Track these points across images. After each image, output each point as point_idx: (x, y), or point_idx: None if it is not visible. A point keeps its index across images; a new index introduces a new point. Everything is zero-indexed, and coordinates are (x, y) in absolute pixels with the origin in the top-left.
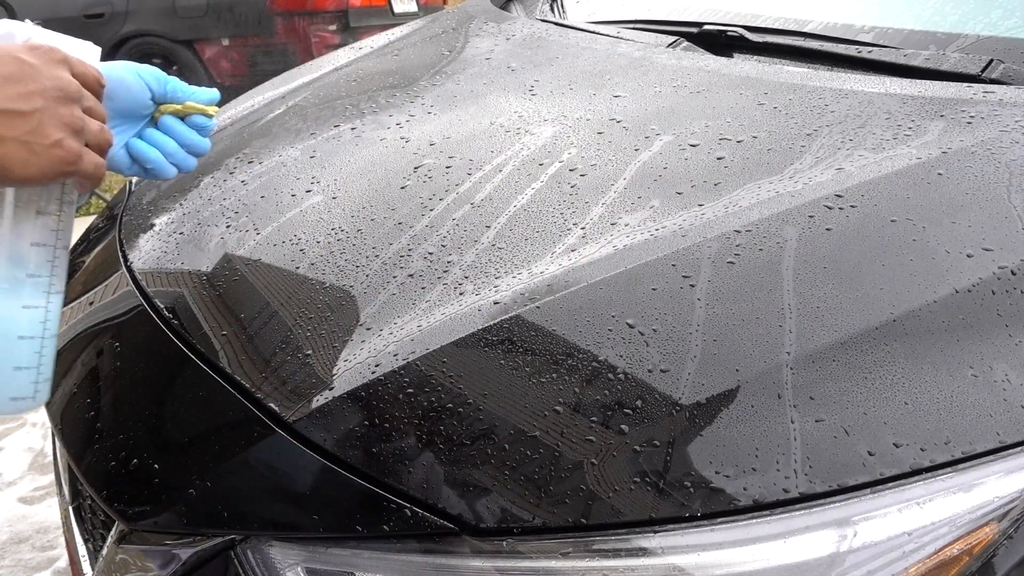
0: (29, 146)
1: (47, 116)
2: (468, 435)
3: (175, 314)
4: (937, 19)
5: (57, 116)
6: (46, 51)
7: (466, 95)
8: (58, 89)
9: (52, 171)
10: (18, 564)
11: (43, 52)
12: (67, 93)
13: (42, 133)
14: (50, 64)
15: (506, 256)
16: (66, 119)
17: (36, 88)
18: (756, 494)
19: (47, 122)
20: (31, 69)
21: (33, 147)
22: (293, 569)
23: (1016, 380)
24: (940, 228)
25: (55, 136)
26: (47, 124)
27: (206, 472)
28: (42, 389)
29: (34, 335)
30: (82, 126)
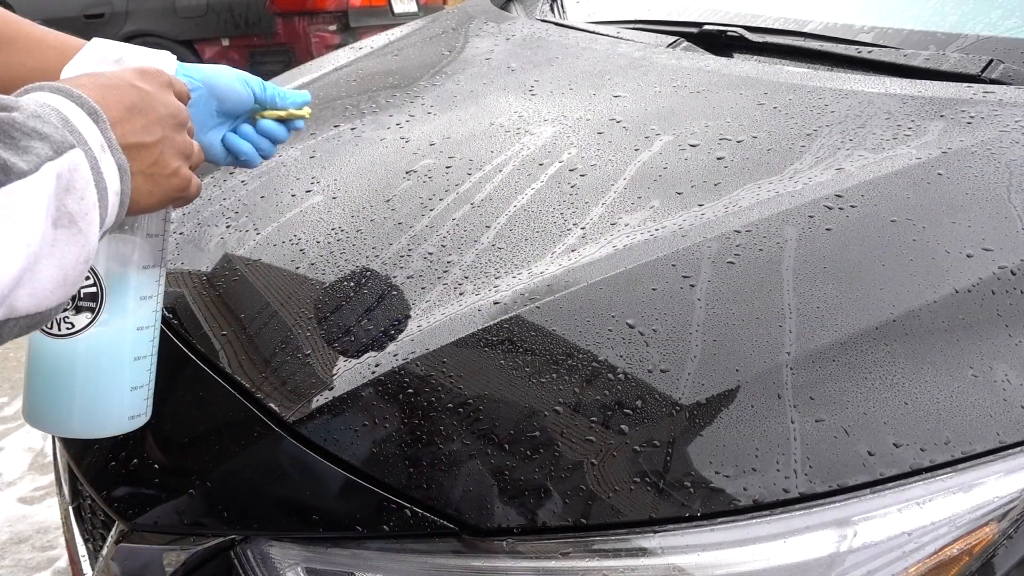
0: (153, 178)
1: (167, 146)
2: (468, 435)
3: (175, 314)
4: (937, 19)
5: (174, 144)
6: (154, 75)
7: (466, 95)
8: (172, 116)
9: (168, 199)
10: (18, 564)
11: (153, 76)
12: (180, 119)
13: (163, 163)
14: (161, 90)
15: (506, 256)
16: (180, 146)
17: (155, 118)
18: (756, 494)
19: (167, 152)
20: (148, 97)
21: (155, 178)
22: (293, 569)
23: (1016, 380)
24: (940, 228)
25: (173, 165)
26: (167, 154)
27: (206, 472)
28: (150, 404)
29: (146, 354)
30: (191, 151)
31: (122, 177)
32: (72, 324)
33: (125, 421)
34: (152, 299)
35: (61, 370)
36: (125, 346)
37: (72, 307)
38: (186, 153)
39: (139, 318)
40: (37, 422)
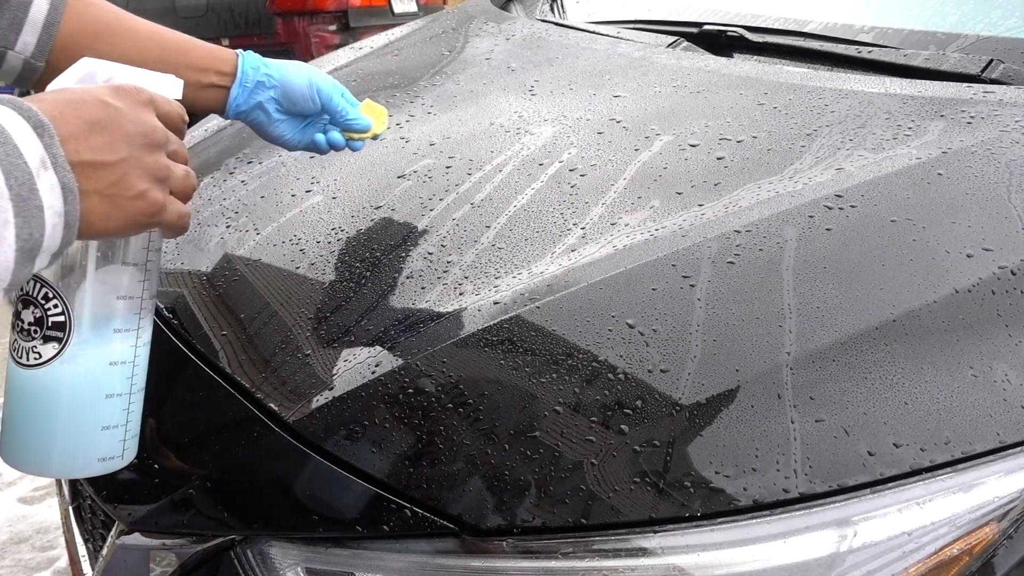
0: (112, 199)
1: (131, 166)
2: (468, 435)
3: (175, 314)
4: (937, 19)
5: (142, 165)
6: (131, 92)
7: (466, 95)
8: (143, 136)
9: (134, 224)
10: (18, 564)
11: (128, 94)
12: (153, 139)
13: (126, 184)
14: (136, 107)
15: (506, 256)
16: (151, 168)
17: (121, 135)
18: (756, 494)
19: (131, 172)
20: (116, 114)
21: (116, 200)
22: (293, 569)
23: (1016, 380)
24: (940, 228)
25: (139, 187)
26: (131, 175)
27: (206, 472)
28: (130, 446)
29: (121, 392)
30: (167, 174)
31: (66, 197)
32: (39, 354)
33: (94, 464)
34: (130, 332)
35: (27, 402)
36: (94, 382)
37: (40, 336)
38: (158, 176)
39: (112, 353)
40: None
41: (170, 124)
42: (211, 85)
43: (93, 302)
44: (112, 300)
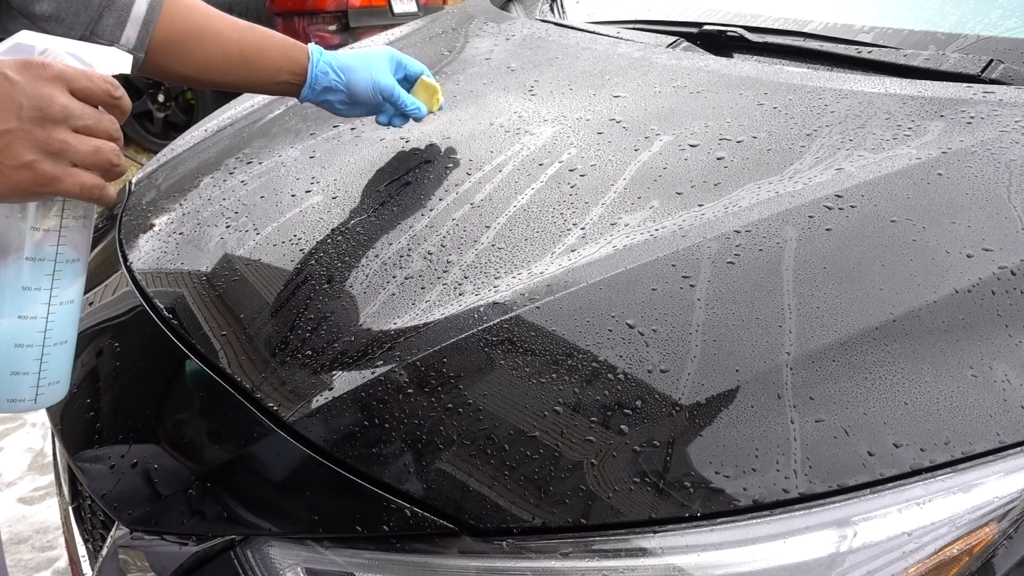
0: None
1: (18, 137)
2: (468, 435)
3: (175, 314)
4: (937, 19)
5: (31, 138)
6: (38, 67)
7: (466, 95)
8: (36, 108)
9: (21, 192)
10: (18, 564)
11: (34, 68)
12: (47, 113)
13: (10, 154)
14: (36, 81)
15: (506, 256)
16: (41, 141)
17: (11, 107)
18: (756, 494)
19: (16, 143)
20: (10, 87)
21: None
22: (293, 569)
23: (1016, 380)
24: (940, 228)
25: (25, 158)
26: (16, 145)
27: (206, 472)
28: (46, 392)
29: (33, 343)
30: (60, 148)
31: None
32: None
33: (3, 402)
34: (42, 291)
35: None
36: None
37: None
38: (50, 149)
39: (21, 307)
40: None
41: (90, 99)
42: (284, 82)
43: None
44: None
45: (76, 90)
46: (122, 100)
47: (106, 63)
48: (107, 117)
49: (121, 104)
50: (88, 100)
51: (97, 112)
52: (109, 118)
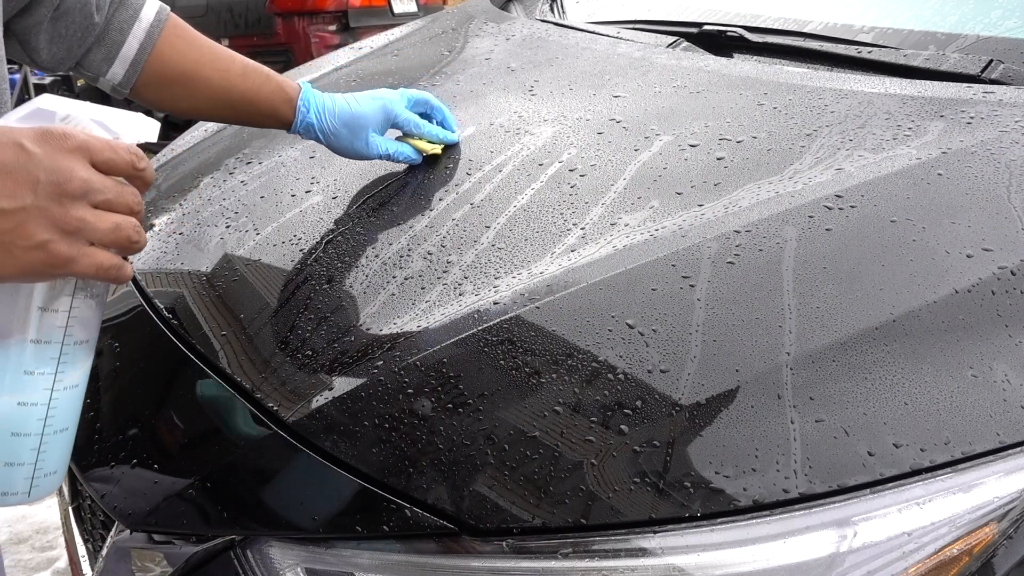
0: (5, 247)
1: (32, 215)
2: (468, 435)
3: (175, 314)
4: (937, 19)
5: (47, 216)
6: (58, 137)
7: (466, 95)
8: (55, 184)
9: (33, 273)
10: (18, 564)
11: (54, 138)
12: (66, 188)
13: (23, 234)
14: (56, 154)
15: (506, 256)
16: (58, 219)
17: (27, 181)
18: (756, 494)
19: (30, 222)
20: (28, 159)
21: (9, 248)
22: (293, 569)
23: (1016, 380)
24: (940, 228)
25: (39, 237)
26: (30, 223)
27: (206, 472)
28: (41, 483)
29: (31, 432)
30: (78, 227)
31: None
32: None
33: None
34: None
35: None
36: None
37: None
38: (66, 228)
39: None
40: None
41: (113, 171)
42: (271, 127)
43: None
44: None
45: (98, 162)
46: (146, 171)
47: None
48: (129, 190)
49: (145, 176)
50: (110, 172)
51: (119, 185)
52: (131, 191)
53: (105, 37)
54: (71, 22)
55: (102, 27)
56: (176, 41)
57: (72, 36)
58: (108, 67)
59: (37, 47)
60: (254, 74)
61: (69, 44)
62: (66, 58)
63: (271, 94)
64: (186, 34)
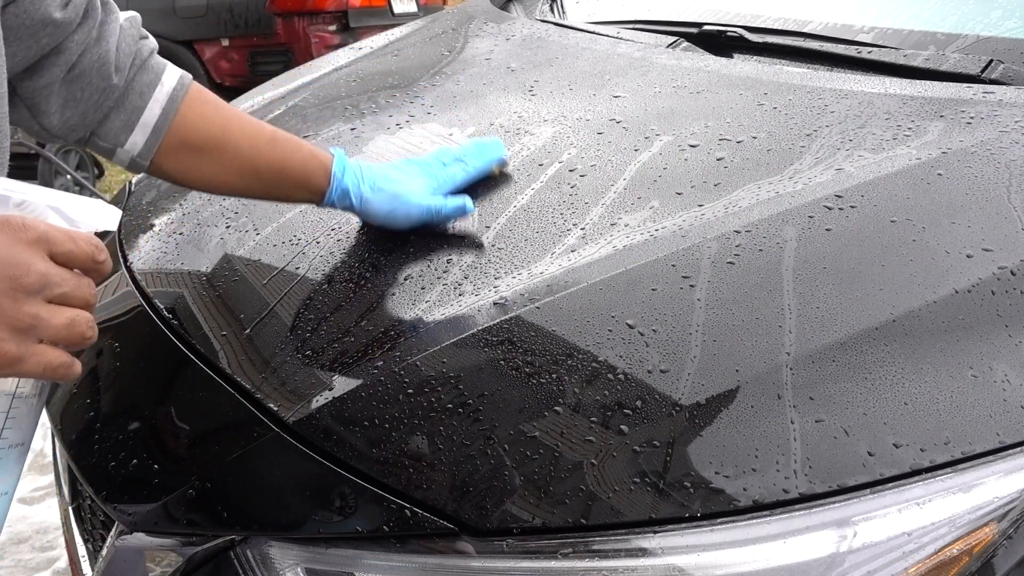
0: None
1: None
2: (468, 435)
3: (175, 314)
4: (937, 19)
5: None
6: (17, 228)
7: (466, 95)
8: (9, 279)
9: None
10: (18, 564)
11: (12, 229)
12: (21, 284)
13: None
14: (14, 245)
15: (506, 256)
16: (9, 316)
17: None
18: (756, 494)
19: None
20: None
21: None
22: (293, 569)
23: (1016, 380)
24: (940, 228)
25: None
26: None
27: (206, 472)
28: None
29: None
30: (31, 324)
31: None
32: None
33: None
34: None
35: None
36: None
37: None
38: (19, 327)
39: None
40: None
41: (73, 263)
42: (303, 196)
43: None
44: None
45: (57, 254)
46: (105, 264)
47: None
48: (85, 282)
49: (103, 268)
50: (69, 265)
51: (76, 277)
52: (87, 282)
53: (125, 102)
54: (87, 83)
55: (121, 90)
56: (201, 106)
57: (88, 99)
58: (127, 136)
59: (48, 111)
60: (284, 141)
61: (84, 109)
62: (79, 125)
63: (304, 161)
64: (210, 99)
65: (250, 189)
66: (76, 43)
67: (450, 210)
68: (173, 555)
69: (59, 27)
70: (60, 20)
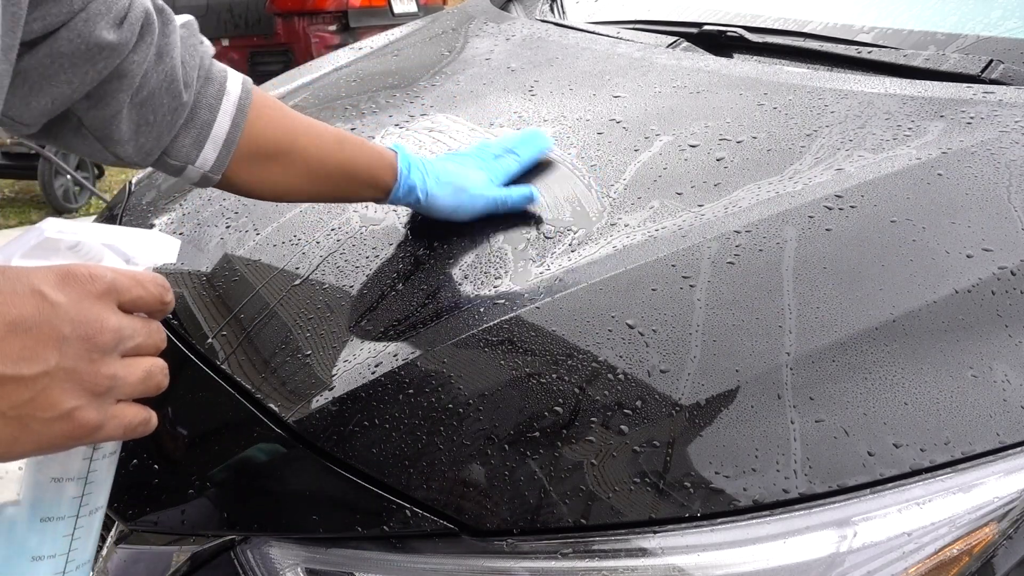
0: (21, 421)
1: (58, 380)
2: (468, 435)
3: (175, 314)
4: (937, 19)
5: (74, 378)
6: (83, 280)
7: (466, 95)
8: (85, 339)
9: (52, 447)
10: None
11: (79, 282)
12: (98, 343)
13: (45, 404)
14: (83, 300)
15: (506, 256)
16: (87, 381)
17: (50, 339)
18: (756, 494)
19: (55, 387)
20: (51, 312)
21: (27, 421)
22: (293, 569)
23: (1016, 380)
24: (940, 229)
25: (65, 406)
26: (55, 390)
27: (206, 472)
28: None
29: None
30: (109, 386)
31: None
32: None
33: None
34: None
35: None
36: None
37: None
38: (96, 390)
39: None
40: None
41: (141, 309)
42: (369, 195)
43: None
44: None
45: (125, 302)
46: (171, 304)
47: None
48: (155, 327)
49: (169, 309)
50: (137, 310)
51: (147, 324)
52: (156, 327)
53: (194, 117)
54: (158, 105)
55: (192, 106)
56: (267, 112)
57: (162, 121)
58: (198, 152)
59: (120, 139)
60: (350, 141)
61: (159, 131)
62: (155, 148)
63: (369, 159)
64: (274, 104)
65: (320, 192)
66: (136, 64)
67: (516, 199)
68: (173, 555)
69: (115, 49)
70: (115, 43)
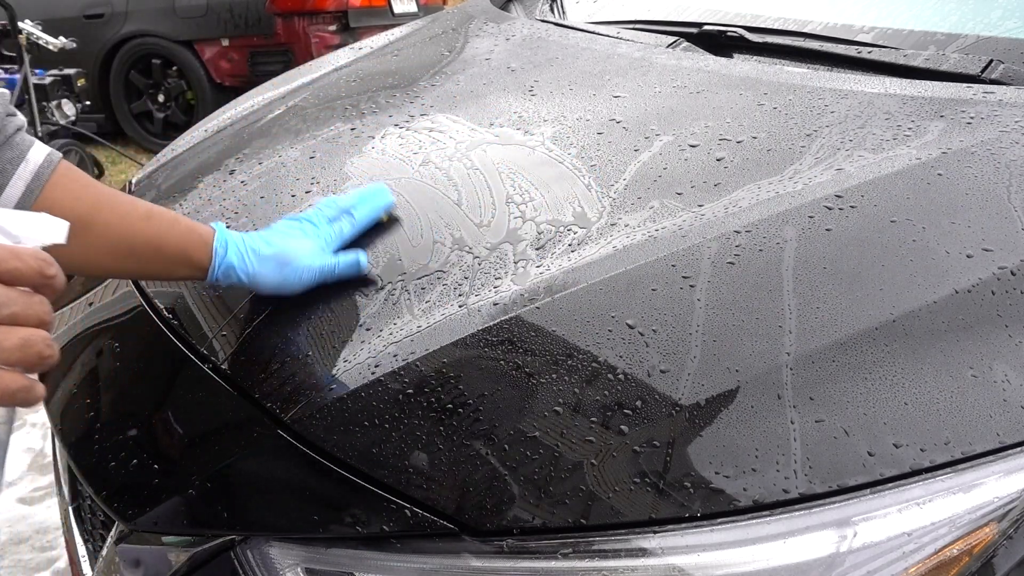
0: None
1: None
2: (468, 435)
3: (175, 314)
4: (937, 19)
5: None
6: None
7: (466, 95)
8: None
9: None
10: (17, 564)
11: None
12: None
13: None
14: None
15: (506, 256)
16: None
17: None
18: (756, 494)
19: None
20: None
21: None
22: (293, 569)
23: (1016, 380)
24: (940, 229)
25: None
26: None
27: (206, 472)
28: None
29: None
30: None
31: None
32: None
33: None
34: None
35: None
36: None
37: None
38: None
39: None
40: None
41: (19, 282)
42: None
43: None
44: None
45: (5, 272)
46: (56, 278)
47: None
48: (37, 299)
49: (55, 283)
50: (16, 283)
51: (26, 296)
52: (39, 300)
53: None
54: None
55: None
56: (70, 184)
57: None
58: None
59: None
60: (160, 216)
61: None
62: None
63: (180, 236)
64: (80, 178)
65: (125, 268)
66: None
67: (343, 268)
68: (173, 555)
69: None
70: None
